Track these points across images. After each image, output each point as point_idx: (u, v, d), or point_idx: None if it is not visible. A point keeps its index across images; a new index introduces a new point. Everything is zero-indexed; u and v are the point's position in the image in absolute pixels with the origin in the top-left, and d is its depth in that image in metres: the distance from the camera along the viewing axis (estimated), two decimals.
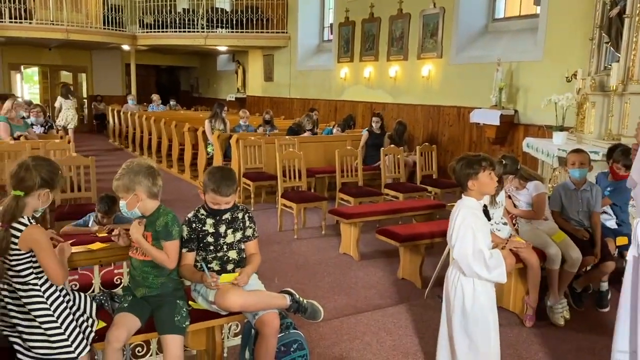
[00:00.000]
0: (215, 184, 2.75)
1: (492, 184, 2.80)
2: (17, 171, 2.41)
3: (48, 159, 2.59)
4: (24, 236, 2.35)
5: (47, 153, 6.09)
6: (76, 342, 2.46)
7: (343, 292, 4.52)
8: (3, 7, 13.41)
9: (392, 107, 10.56)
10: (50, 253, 2.41)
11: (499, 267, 2.73)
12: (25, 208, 2.40)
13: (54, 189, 2.51)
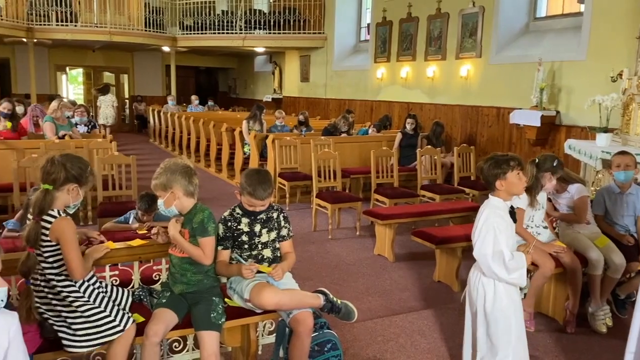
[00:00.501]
0: (252, 187, 2.78)
1: (521, 185, 2.76)
2: (45, 165, 2.51)
3: (77, 156, 2.67)
4: (53, 227, 2.45)
5: (90, 152, 6.29)
6: (119, 316, 2.56)
7: (377, 293, 4.50)
8: (50, 10, 13.91)
9: (430, 108, 10.44)
10: (74, 247, 2.49)
11: (518, 269, 2.69)
12: (55, 202, 2.50)
13: (83, 185, 2.59)
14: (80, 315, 2.50)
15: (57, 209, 2.51)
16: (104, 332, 2.51)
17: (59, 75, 17.72)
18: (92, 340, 2.50)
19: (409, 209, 5.76)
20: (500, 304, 2.73)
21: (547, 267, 3.70)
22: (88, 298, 2.54)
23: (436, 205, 6.14)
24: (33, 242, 2.46)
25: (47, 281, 2.51)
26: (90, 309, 2.52)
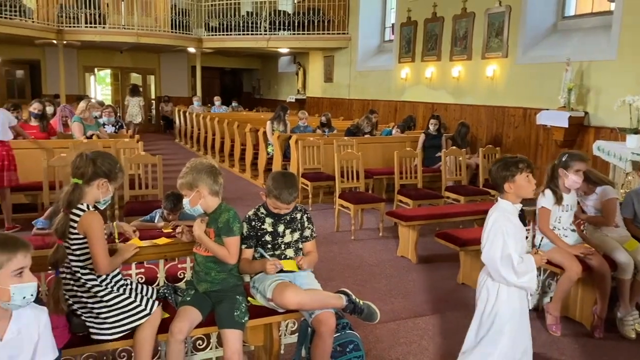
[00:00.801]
0: (278, 190, 2.81)
1: (530, 187, 2.71)
2: (74, 160, 2.59)
3: (107, 153, 2.76)
4: (81, 221, 2.52)
5: (118, 151, 6.40)
6: (144, 301, 2.63)
7: (400, 295, 4.48)
8: (79, 12, 14.20)
9: (455, 108, 10.35)
10: (100, 242, 2.55)
11: (528, 273, 2.65)
12: (84, 196, 2.57)
13: (112, 180, 2.66)
14: (106, 305, 2.56)
15: (87, 203, 2.57)
16: (131, 317, 2.57)
17: (87, 76, 18.08)
18: (120, 327, 2.56)
19: (433, 210, 5.72)
20: (498, 310, 2.71)
21: (573, 270, 3.64)
22: (112, 288, 2.61)
23: (461, 207, 6.08)
24: (61, 234, 2.53)
25: (72, 273, 2.58)
26: (115, 297, 2.59)
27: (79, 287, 2.58)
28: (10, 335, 1.85)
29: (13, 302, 1.79)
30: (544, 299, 4.12)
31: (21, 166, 6.04)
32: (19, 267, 1.79)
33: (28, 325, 1.92)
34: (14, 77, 18.77)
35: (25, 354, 1.92)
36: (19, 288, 1.79)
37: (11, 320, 1.87)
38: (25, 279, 1.82)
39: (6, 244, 1.79)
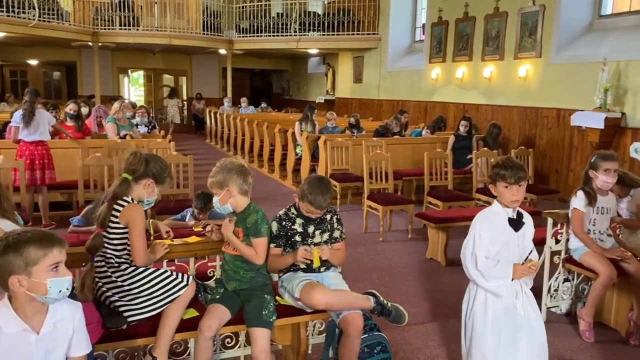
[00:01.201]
0: (313, 195, 2.82)
1: (507, 196, 2.64)
2: (128, 157, 2.71)
3: (160, 157, 2.89)
4: (124, 211, 2.62)
5: (150, 151, 6.51)
6: (179, 275, 2.76)
7: (429, 297, 4.44)
8: (114, 15, 14.53)
9: (486, 109, 10.20)
10: (141, 233, 2.64)
11: (499, 279, 2.61)
12: (131, 192, 2.68)
13: (159, 183, 2.77)
14: (143, 280, 2.66)
15: (131, 197, 2.68)
16: (173, 289, 2.68)
17: (121, 77, 18.47)
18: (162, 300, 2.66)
19: (464, 213, 5.64)
20: (475, 313, 2.69)
21: (607, 274, 3.54)
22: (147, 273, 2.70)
23: None
24: (101, 223, 2.64)
25: (107, 261, 2.65)
26: (152, 272, 2.70)
27: (113, 272, 2.65)
28: (46, 329, 1.91)
29: (50, 295, 1.84)
30: (577, 304, 4.02)
31: (57, 165, 6.22)
32: (55, 262, 1.85)
33: (63, 319, 1.97)
34: (50, 79, 19.34)
35: (61, 348, 1.97)
36: (55, 282, 1.84)
37: (47, 314, 1.92)
38: (61, 274, 1.87)
39: (43, 240, 1.84)
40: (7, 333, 1.84)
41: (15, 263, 1.79)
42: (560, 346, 3.59)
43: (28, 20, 12.13)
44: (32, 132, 5.94)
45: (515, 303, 2.65)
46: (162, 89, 19.28)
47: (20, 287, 1.81)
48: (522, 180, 2.64)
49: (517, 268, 2.63)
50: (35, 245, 1.81)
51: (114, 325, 2.62)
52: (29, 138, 5.95)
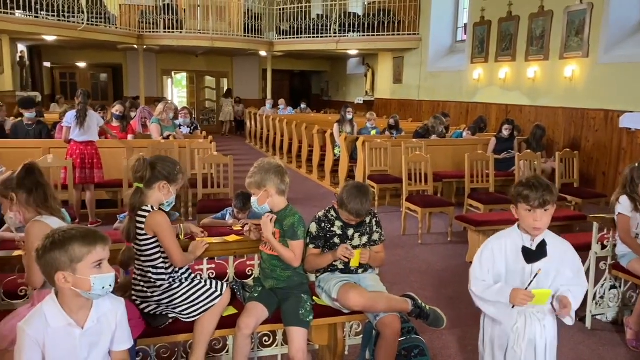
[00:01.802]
0: (351, 205, 2.79)
1: (528, 222, 2.35)
2: (134, 165, 2.68)
3: (166, 157, 2.85)
4: (147, 221, 2.61)
5: (192, 152, 6.66)
6: (214, 284, 2.77)
7: (469, 302, 4.31)
8: (158, 18, 14.91)
9: (530, 110, 9.96)
10: (171, 237, 2.65)
11: (493, 304, 2.41)
12: (147, 199, 2.66)
13: (172, 182, 2.72)
14: (178, 294, 2.68)
15: (151, 204, 2.66)
16: (208, 299, 2.69)
17: (165, 79, 18.91)
18: (196, 311, 2.68)
19: (505, 216, 5.50)
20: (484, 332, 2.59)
21: None
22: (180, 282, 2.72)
23: None
24: (127, 237, 2.67)
25: (144, 274, 2.69)
26: (187, 285, 2.71)
27: (149, 287, 2.68)
28: (90, 324, 1.97)
29: (93, 291, 1.90)
30: (624, 312, 3.88)
31: (103, 164, 6.41)
32: (98, 259, 1.90)
33: (107, 315, 2.02)
34: (98, 80, 19.99)
35: (104, 342, 2.03)
36: (99, 278, 1.89)
37: (92, 310, 1.98)
38: (105, 270, 1.93)
39: (87, 237, 1.90)
40: (53, 327, 1.91)
41: (61, 260, 1.86)
42: (605, 356, 3.47)
43: (77, 24, 12.58)
44: (84, 132, 6.10)
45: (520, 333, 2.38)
46: (204, 90, 19.64)
47: (66, 283, 1.87)
48: (547, 204, 2.30)
49: (516, 294, 2.30)
50: (80, 243, 1.87)
51: (159, 323, 2.68)
52: (80, 138, 6.11)
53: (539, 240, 2.39)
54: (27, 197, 2.54)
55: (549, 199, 2.30)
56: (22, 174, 2.58)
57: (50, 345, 1.90)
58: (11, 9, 11.58)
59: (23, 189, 2.54)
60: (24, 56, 14.39)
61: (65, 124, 6.21)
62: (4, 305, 2.80)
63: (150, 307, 2.68)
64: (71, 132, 6.10)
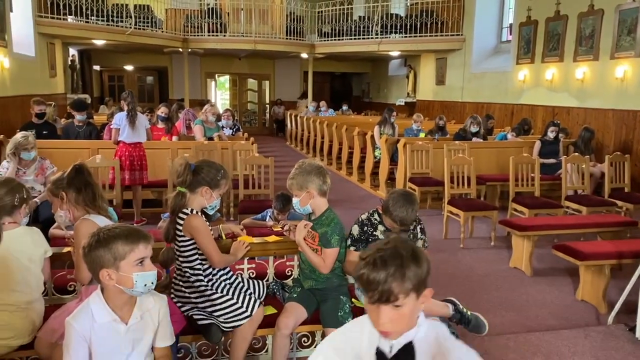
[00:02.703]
0: (397, 212, 2.78)
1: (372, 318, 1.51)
2: (178, 169, 2.73)
3: (211, 162, 2.87)
4: (185, 223, 2.67)
5: (234, 153, 6.75)
6: (246, 302, 2.74)
7: (512, 308, 4.25)
8: (203, 22, 15.22)
9: (578, 112, 9.64)
10: (208, 238, 2.68)
11: None
12: (189, 203, 2.71)
13: (215, 188, 2.75)
14: (212, 303, 2.70)
15: (193, 209, 2.70)
16: (233, 318, 2.69)
17: (208, 81, 19.26)
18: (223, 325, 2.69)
19: (551, 221, 5.36)
20: None
21: None
22: (216, 290, 2.73)
23: (582, 218, 5.64)
24: (166, 237, 2.74)
25: (182, 274, 2.74)
26: (220, 297, 2.71)
27: (187, 287, 2.73)
28: (134, 320, 2.02)
29: (136, 289, 1.95)
30: None
31: (149, 165, 6.58)
32: (140, 257, 1.95)
33: (150, 311, 2.08)
34: (144, 83, 20.56)
35: (147, 338, 2.08)
36: (141, 276, 1.94)
37: (135, 306, 2.04)
38: (147, 268, 1.97)
39: (129, 236, 1.95)
40: (99, 323, 1.97)
41: (105, 257, 1.92)
42: None
43: (125, 28, 12.98)
44: (134, 134, 6.15)
45: None
46: (247, 92, 19.90)
47: (110, 280, 1.94)
48: (396, 298, 1.44)
49: None
50: (123, 241, 1.93)
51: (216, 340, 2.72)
52: (130, 140, 6.15)
53: (403, 342, 1.52)
54: (76, 196, 2.63)
55: (396, 290, 1.43)
56: (72, 174, 2.68)
57: (96, 340, 1.96)
58: (64, 14, 12.07)
59: (72, 188, 2.63)
60: (75, 60, 14.96)
61: (114, 126, 6.26)
62: (54, 299, 2.91)
63: (189, 308, 2.73)
64: (120, 133, 6.15)
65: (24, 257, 2.50)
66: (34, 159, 4.95)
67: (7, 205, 2.51)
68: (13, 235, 2.49)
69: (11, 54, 9.80)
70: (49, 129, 7.04)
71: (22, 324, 2.46)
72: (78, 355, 1.95)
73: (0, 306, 2.43)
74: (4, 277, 2.43)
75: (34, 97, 7.16)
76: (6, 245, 2.43)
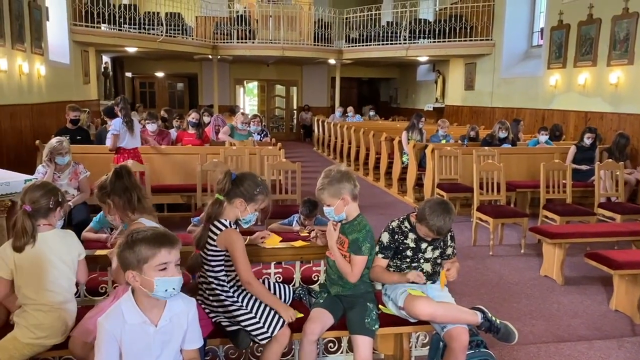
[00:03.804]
0: (434, 221, 2.74)
1: None
2: (220, 178, 2.74)
3: (253, 175, 2.83)
4: (222, 235, 2.65)
5: (262, 158, 6.80)
6: (268, 322, 2.67)
7: (542, 317, 4.16)
8: (232, 29, 15.42)
9: (612, 118, 9.41)
10: (242, 257, 2.66)
11: None
12: (224, 212, 2.70)
13: (250, 202, 2.72)
14: (232, 317, 2.69)
15: (228, 219, 2.70)
16: (253, 334, 2.66)
17: (237, 88, 19.48)
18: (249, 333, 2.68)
19: (583, 228, 5.23)
20: None
21: None
22: (241, 302, 2.71)
23: (616, 226, 5.49)
24: (197, 244, 2.73)
25: (208, 282, 2.75)
26: (242, 314, 2.67)
27: (211, 296, 2.73)
28: (163, 323, 2.05)
29: (156, 292, 1.98)
30: None
31: (178, 170, 6.68)
32: (162, 262, 1.97)
33: (179, 314, 2.10)
34: (175, 89, 20.94)
35: (176, 341, 2.11)
36: (161, 281, 1.97)
37: (165, 309, 2.07)
38: (169, 273, 1.98)
39: (153, 240, 1.98)
40: (130, 324, 2.01)
41: (130, 259, 1.97)
42: None
43: (156, 36, 13.25)
44: (133, 139, 6.15)
45: None
46: (274, 98, 20.04)
47: (135, 282, 1.99)
48: None
49: None
50: (146, 245, 1.96)
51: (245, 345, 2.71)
52: (130, 145, 6.14)
53: None
54: (119, 200, 2.69)
55: None
56: (112, 178, 2.74)
57: (127, 340, 2.00)
58: (97, 22, 12.39)
59: (115, 193, 2.70)
60: (107, 67, 15.33)
61: (114, 132, 6.13)
62: (85, 301, 2.98)
63: (215, 315, 2.73)
64: (120, 140, 6.10)
65: (57, 259, 2.57)
66: (68, 163, 5.07)
67: (42, 208, 2.57)
68: (47, 237, 2.56)
69: (47, 61, 10.10)
70: (83, 135, 7.21)
71: (56, 323, 2.53)
72: (109, 355, 1.99)
73: (35, 306, 2.50)
74: (38, 277, 2.50)
75: (69, 104, 7.35)
76: (40, 246, 2.52)
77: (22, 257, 2.49)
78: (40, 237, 2.53)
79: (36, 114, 9.37)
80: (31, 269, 2.50)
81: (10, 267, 2.50)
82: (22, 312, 2.52)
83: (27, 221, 2.50)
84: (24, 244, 2.48)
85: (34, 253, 2.50)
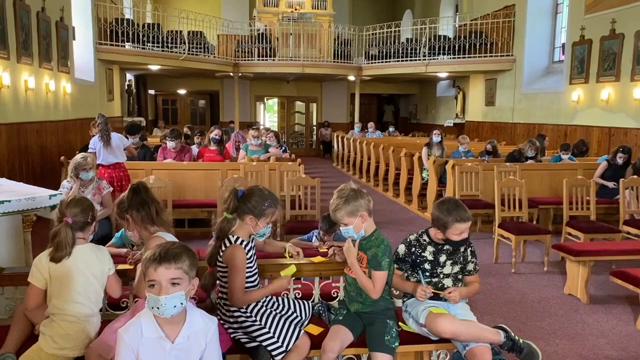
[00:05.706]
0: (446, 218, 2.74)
1: None
2: (226, 197, 2.75)
3: (260, 190, 2.79)
4: (226, 251, 2.67)
5: (281, 174, 6.83)
6: (282, 336, 2.64)
7: (566, 337, 4.07)
8: (253, 47, 15.63)
9: (636, 133, 9.25)
10: (238, 275, 2.63)
11: None
12: (237, 229, 2.70)
13: (259, 217, 2.70)
14: (248, 333, 2.68)
15: (240, 236, 2.69)
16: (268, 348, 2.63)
17: (257, 104, 19.69)
18: None
19: (608, 246, 5.12)
20: None
21: None
22: (255, 317, 2.69)
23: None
24: (209, 261, 2.75)
25: (224, 299, 2.74)
26: (257, 330, 2.66)
27: (226, 310, 2.72)
28: (180, 340, 2.05)
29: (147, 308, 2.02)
30: None
31: (198, 185, 6.74)
32: (150, 279, 1.99)
33: (197, 333, 2.10)
34: (197, 106, 21.24)
35: (193, 359, 2.10)
36: (150, 298, 1.99)
37: (184, 326, 2.07)
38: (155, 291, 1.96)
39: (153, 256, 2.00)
40: (147, 337, 2.03)
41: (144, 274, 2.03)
42: None
43: (179, 54, 13.49)
44: (110, 154, 6.11)
45: None
46: (294, 115, 20.19)
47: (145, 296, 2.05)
48: None
49: None
50: (147, 261, 2.01)
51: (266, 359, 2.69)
52: (107, 161, 6.10)
53: None
54: (137, 215, 2.73)
55: None
56: (130, 194, 2.78)
57: (143, 353, 2.02)
58: (122, 41, 12.67)
59: (132, 209, 2.74)
60: (131, 84, 15.63)
61: (91, 150, 6.10)
62: (107, 315, 3.00)
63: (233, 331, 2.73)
64: (97, 157, 6.05)
65: (88, 272, 2.62)
66: (92, 179, 5.15)
67: (80, 222, 2.65)
68: (81, 250, 2.63)
69: (73, 79, 10.35)
70: None
71: (80, 335, 2.56)
72: None
73: (62, 316, 2.54)
74: (68, 288, 2.55)
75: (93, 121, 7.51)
76: (74, 258, 2.58)
77: (57, 268, 2.56)
78: (74, 249, 2.58)
79: (61, 131, 9.58)
80: (64, 279, 2.56)
81: (45, 277, 2.57)
82: (49, 322, 2.56)
83: (70, 233, 2.57)
84: (63, 255, 2.55)
85: (68, 265, 2.57)
